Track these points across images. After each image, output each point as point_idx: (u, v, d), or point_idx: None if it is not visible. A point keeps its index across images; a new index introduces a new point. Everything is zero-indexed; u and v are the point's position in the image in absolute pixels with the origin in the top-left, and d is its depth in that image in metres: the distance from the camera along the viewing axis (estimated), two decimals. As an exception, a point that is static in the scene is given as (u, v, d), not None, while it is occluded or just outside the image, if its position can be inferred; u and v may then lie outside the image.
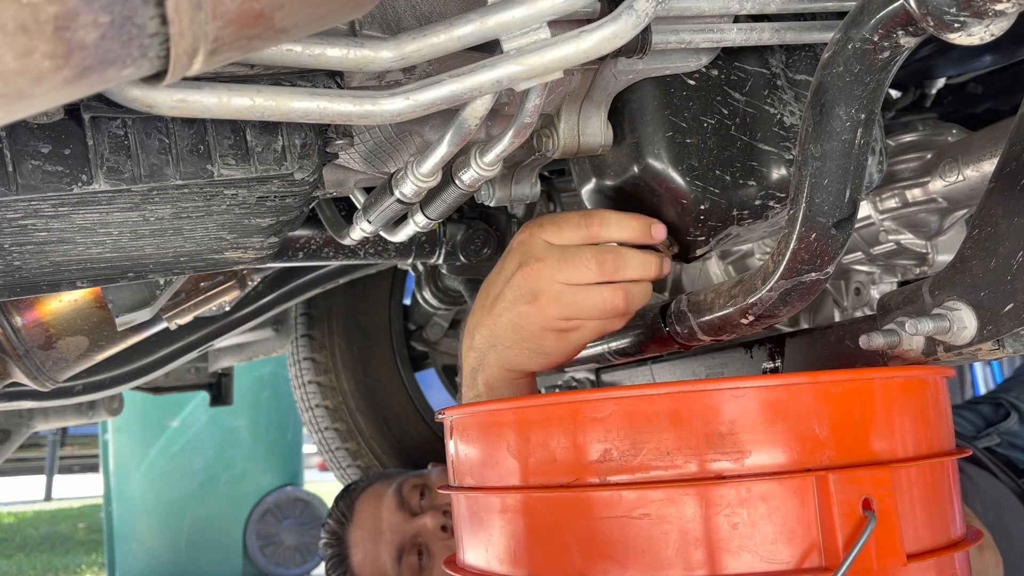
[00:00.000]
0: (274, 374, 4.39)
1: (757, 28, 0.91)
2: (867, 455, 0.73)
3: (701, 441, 0.71)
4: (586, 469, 0.74)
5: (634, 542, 0.71)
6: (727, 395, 0.71)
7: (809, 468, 0.71)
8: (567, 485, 0.74)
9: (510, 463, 0.79)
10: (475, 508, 0.83)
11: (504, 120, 0.95)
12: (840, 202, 0.77)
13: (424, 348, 2.58)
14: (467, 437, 0.84)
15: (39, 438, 7.42)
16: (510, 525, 0.78)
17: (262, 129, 0.75)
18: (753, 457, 0.70)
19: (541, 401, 0.79)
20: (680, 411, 0.71)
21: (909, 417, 0.77)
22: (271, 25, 0.48)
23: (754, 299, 0.88)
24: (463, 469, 0.85)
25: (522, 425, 0.78)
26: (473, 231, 1.63)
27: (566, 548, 0.74)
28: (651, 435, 0.72)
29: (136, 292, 1.17)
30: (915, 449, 0.77)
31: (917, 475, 0.75)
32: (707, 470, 0.70)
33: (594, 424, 0.73)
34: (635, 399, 0.73)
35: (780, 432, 0.71)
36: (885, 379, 0.77)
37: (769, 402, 0.72)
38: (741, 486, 0.70)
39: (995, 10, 0.58)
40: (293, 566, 4.41)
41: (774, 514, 0.69)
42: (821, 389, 0.73)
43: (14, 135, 0.69)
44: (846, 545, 0.68)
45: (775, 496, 0.69)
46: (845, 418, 0.73)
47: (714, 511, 0.69)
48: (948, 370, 0.85)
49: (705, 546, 0.69)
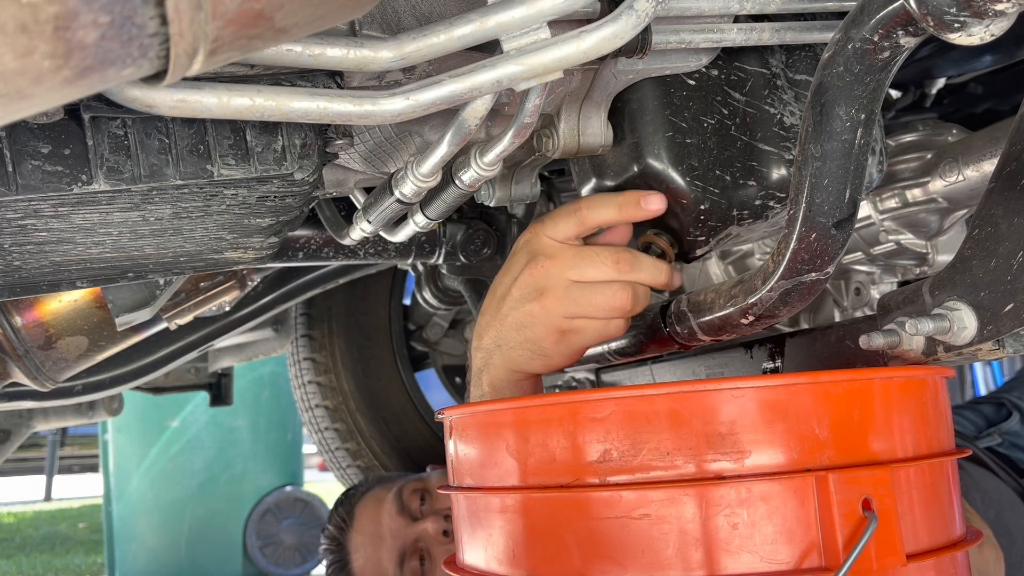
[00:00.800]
0: (274, 374, 4.39)
1: (757, 28, 0.91)
2: (867, 455, 0.73)
3: (701, 441, 0.71)
4: (586, 469, 0.73)
5: (634, 542, 0.71)
6: (726, 395, 0.71)
7: (809, 468, 0.70)
8: (566, 485, 0.74)
9: (509, 463, 0.78)
10: (474, 508, 0.82)
11: (504, 120, 0.95)
12: (840, 202, 0.77)
13: (424, 348, 2.59)
14: (466, 437, 0.84)
15: (39, 438, 7.43)
16: (509, 525, 0.78)
17: (262, 129, 0.75)
18: (753, 457, 0.70)
19: (540, 401, 0.79)
20: (680, 411, 0.71)
21: (909, 417, 0.77)
22: (271, 25, 0.48)
23: (754, 299, 0.88)
24: (462, 469, 0.85)
25: (521, 425, 0.78)
26: (473, 231, 1.63)
27: (566, 548, 0.74)
28: (651, 435, 0.72)
29: (136, 292, 1.17)
30: (915, 449, 0.76)
31: (917, 475, 0.75)
32: (707, 470, 0.70)
33: (594, 424, 0.73)
34: (635, 399, 0.73)
35: (780, 432, 0.71)
36: (885, 379, 0.77)
37: (768, 402, 0.71)
38: (741, 486, 0.69)
39: (995, 10, 0.58)
40: (293, 566, 4.41)
41: (774, 514, 0.69)
42: (821, 389, 0.73)
43: (14, 135, 0.69)
44: (846, 545, 0.68)
45: (775, 496, 0.69)
46: (845, 418, 0.73)
47: (714, 511, 0.69)
48: (948, 370, 0.85)
49: (704, 546, 0.69)
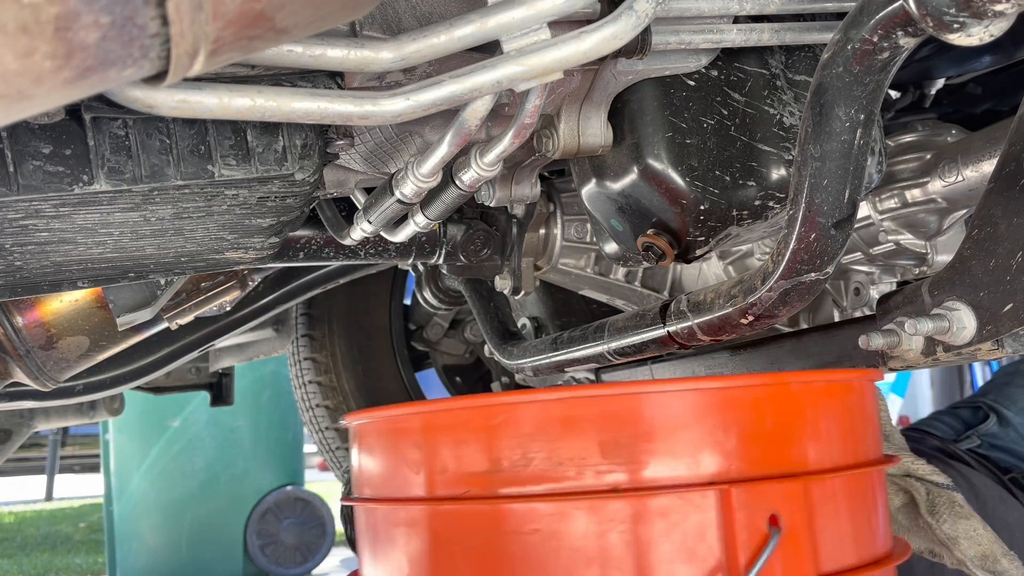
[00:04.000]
0: (275, 374, 4.39)
1: (757, 29, 0.91)
2: (780, 466, 0.67)
3: (595, 451, 0.65)
4: (476, 481, 0.68)
5: (523, 560, 0.65)
6: (624, 400, 0.66)
7: (712, 481, 0.65)
8: (456, 497, 0.68)
9: (404, 473, 0.73)
10: (372, 521, 0.77)
11: (504, 120, 0.95)
12: (839, 202, 0.77)
13: (424, 348, 2.59)
14: (365, 446, 0.80)
15: (40, 438, 7.42)
16: (402, 540, 0.72)
17: (263, 130, 0.75)
18: (651, 468, 0.65)
19: (430, 407, 0.73)
20: (574, 418, 0.66)
21: (832, 425, 0.72)
22: (272, 26, 0.48)
23: (753, 299, 0.88)
24: (361, 479, 0.80)
25: (411, 433, 0.72)
26: (473, 231, 1.63)
27: (455, 566, 0.68)
28: (544, 444, 0.66)
29: (137, 292, 1.17)
30: (838, 459, 0.71)
31: (841, 486, 0.69)
32: (600, 483, 0.65)
33: (486, 432, 0.67)
34: (527, 405, 0.67)
35: (681, 442, 0.65)
36: (803, 384, 0.71)
37: (670, 409, 0.66)
38: (637, 500, 0.64)
39: (994, 11, 0.58)
40: (294, 565, 4.41)
41: (672, 531, 0.63)
42: (728, 395, 0.67)
43: (15, 135, 0.69)
44: (749, 564, 0.62)
45: (674, 511, 0.64)
46: (755, 427, 0.67)
47: (607, 527, 0.63)
48: (876, 373, 0.80)
49: (598, 565, 0.64)
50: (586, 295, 1.54)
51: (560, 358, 1.31)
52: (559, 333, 1.34)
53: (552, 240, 1.47)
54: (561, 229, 1.46)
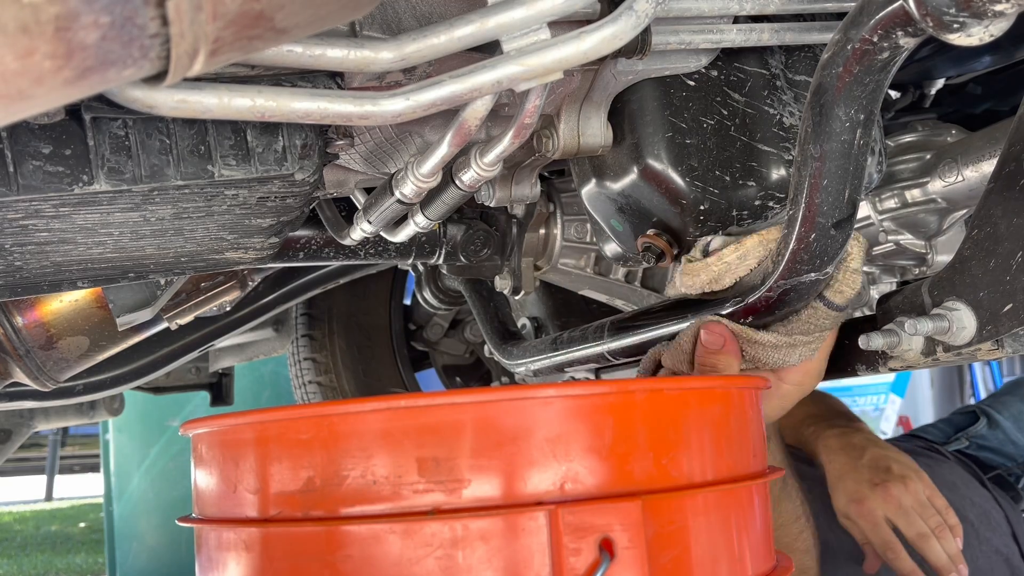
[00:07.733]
0: (275, 374, 4.39)
1: (757, 29, 0.91)
2: (620, 485, 0.61)
3: (412, 468, 0.59)
4: (289, 501, 0.62)
5: None
6: (445, 412, 0.60)
7: (541, 501, 0.59)
8: (265, 520, 0.63)
9: (216, 491, 0.67)
10: (199, 540, 0.73)
11: (504, 121, 0.95)
12: (839, 202, 0.77)
13: (424, 348, 2.59)
14: (198, 458, 0.75)
15: (40, 438, 7.42)
16: (225, 564, 0.67)
17: (263, 130, 0.75)
18: (473, 487, 0.59)
19: (243, 420, 0.67)
20: (391, 431, 0.59)
21: (695, 436, 0.65)
22: (271, 26, 0.48)
23: (753, 299, 0.88)
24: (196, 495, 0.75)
25: (225, 447, 0.67)
26: (473, 231, 1.63)
27: None
28: (359, 460, 0.60)
29: (137, 292, 1.17)
30: (704, 474, 0.64)
31: (705, 504, 0.63)
32: (419, 503, 0.59)
33: (297, 447, 0.62)
34: (340, 417, 0.61)
35: (506, 457, 0.59)
36: (649, 391, 0.64)
37: (495, 421, 0.60)
38: (456, 522, 0.58)
39: (994, 11, 0.58)
40: (293, 566, 4.41)
41: (495, 556, 0.58)
42: (563, 405, 0.61)
43: (15, 135, 0.69)
44: None
45: (496, 535, 0.58)
46: (593, 440, 0.61)
47: (423, 552, 0.58)
48: (760, 381, 0.74)
49: None
50: (586, 295, 1.54)
51: (560, 358, 1.31)
52: (559, 333, 1.34)
53: (552, 240, 1.47)
54: (561, 229, 1.46)
